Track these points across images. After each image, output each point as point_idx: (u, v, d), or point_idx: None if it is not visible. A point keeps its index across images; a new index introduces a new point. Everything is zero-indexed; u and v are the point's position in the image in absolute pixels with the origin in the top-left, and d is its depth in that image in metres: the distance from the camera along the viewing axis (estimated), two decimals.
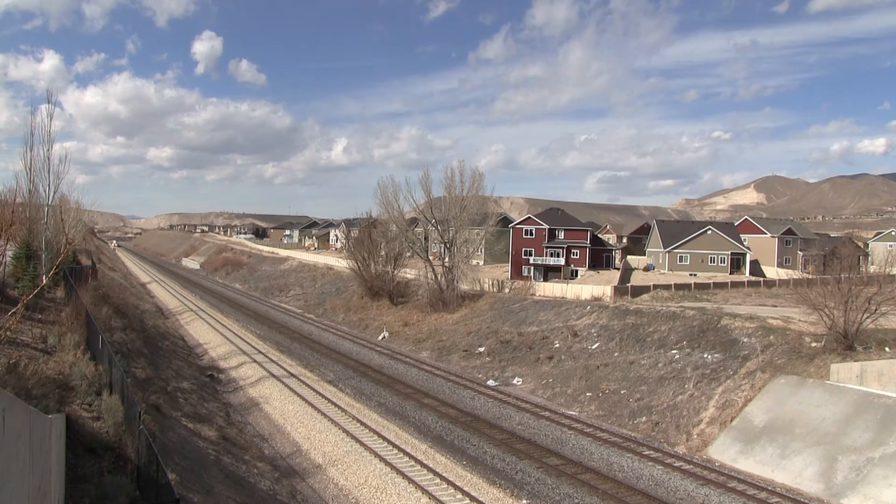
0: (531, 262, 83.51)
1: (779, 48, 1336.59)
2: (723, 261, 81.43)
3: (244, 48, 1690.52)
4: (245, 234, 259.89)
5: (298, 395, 37.34)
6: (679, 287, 59.97)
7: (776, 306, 48.08)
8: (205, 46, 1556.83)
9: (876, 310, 32.06)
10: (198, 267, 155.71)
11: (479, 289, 68.33)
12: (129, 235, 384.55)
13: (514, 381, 42.28)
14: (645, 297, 55.53)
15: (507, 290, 66.11)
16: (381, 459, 26.67)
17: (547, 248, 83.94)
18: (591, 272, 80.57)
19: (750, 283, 66.03)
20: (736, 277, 72.90)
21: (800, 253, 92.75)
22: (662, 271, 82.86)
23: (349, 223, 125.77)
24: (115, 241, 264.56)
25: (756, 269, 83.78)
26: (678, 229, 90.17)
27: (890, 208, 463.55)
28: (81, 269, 52.87)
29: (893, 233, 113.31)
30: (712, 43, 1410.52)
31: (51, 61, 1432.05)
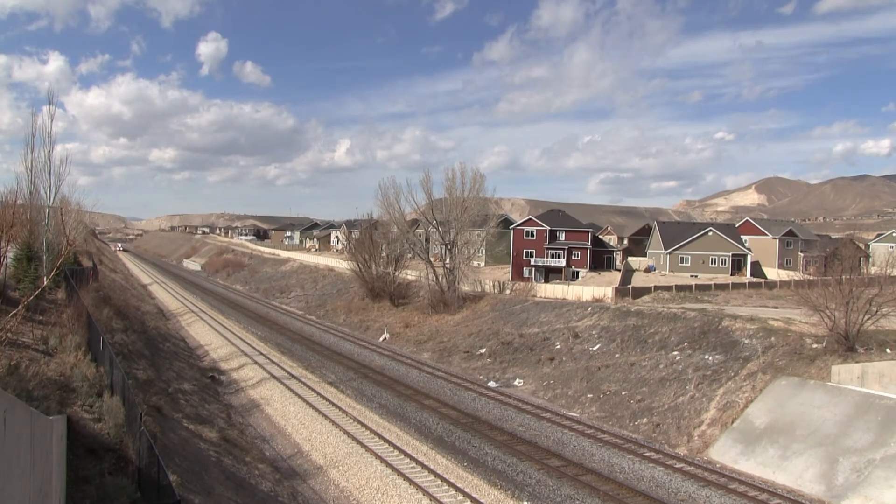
0: (532, 263, 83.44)
1: (784, 49, 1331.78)
2: (724, 262, 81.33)
3: (249, 50, 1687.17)
4: (246, 235, 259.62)
5: (299, 396, 37.37)
6: (680, 288, 59.92)
7: (777, 308, 48.05)
8: (210, 48, 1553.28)
9: (877, 311, 32.07)
10: (199, 268, 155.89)
11: (480, 290, 68.34)
12: (130, 237, 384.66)
13: (515, 383, 42.27)
14: (646, 298, 55.49)
15: (508, 292, 66.09)
16: (383, 461, 26.69)
17: (548, 249, 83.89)
18: (592, 273, 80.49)
19: (751, 285, 65.96)
20: (737, 279, 72.86)
21: (801, 254, 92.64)
22: (663, 272, 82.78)
23: (350, 224, 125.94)
24: (119, 244, 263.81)
25: (757, 270, 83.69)
26: (679, 230, 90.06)
27: (891, 210, 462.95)
28: (82, 271, 52.94)
29: (894, 234, 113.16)
30: (718, 44, 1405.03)
31: (55, 62, 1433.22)
